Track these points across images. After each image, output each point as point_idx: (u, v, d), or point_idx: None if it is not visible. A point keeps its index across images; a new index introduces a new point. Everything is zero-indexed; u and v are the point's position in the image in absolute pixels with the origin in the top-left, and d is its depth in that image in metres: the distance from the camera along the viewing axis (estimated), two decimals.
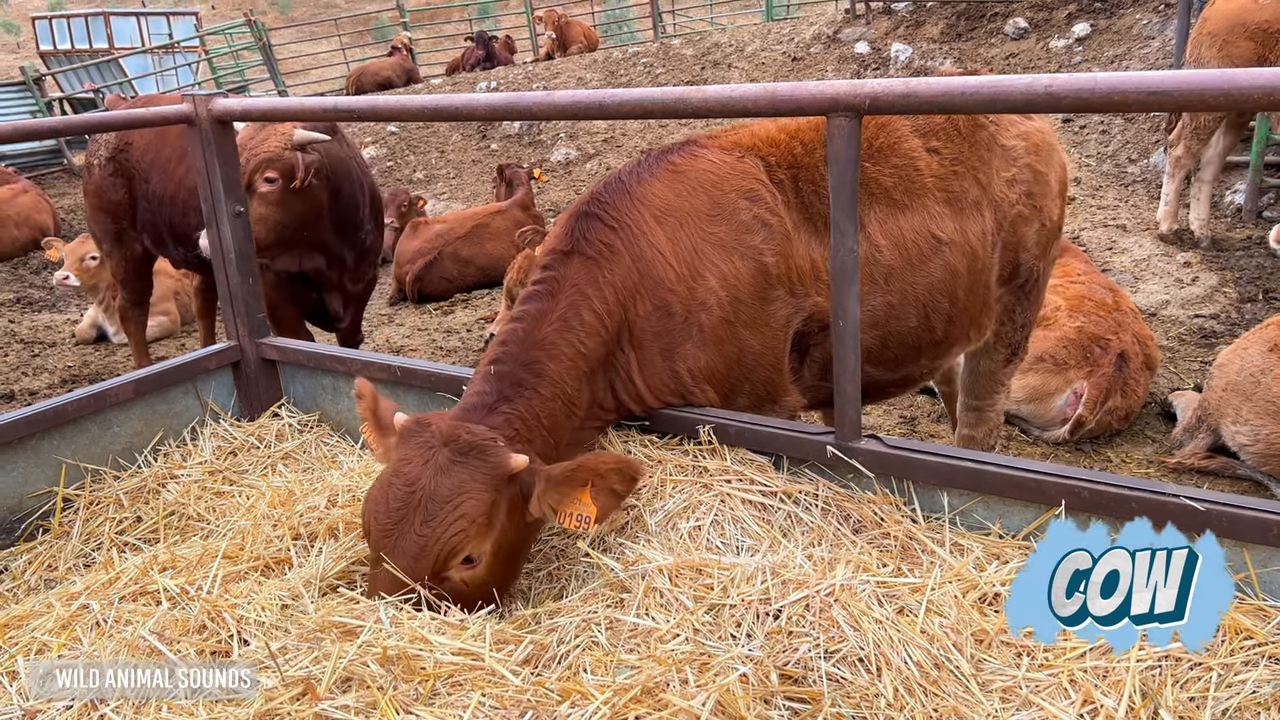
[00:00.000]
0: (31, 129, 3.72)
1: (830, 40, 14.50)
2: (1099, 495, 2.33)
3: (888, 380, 3.38)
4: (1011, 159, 3.40)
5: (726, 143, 3.06)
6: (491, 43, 20.45)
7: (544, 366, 2.65)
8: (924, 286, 3.18)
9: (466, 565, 2.40)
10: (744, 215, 2.90)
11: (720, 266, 2.85)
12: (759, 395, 3.00)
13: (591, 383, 2.76)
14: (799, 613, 2.09)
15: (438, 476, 2.39)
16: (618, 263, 2.79)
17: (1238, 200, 8.79)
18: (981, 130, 3.35)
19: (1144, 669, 2.00)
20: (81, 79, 22.96)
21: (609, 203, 2.88)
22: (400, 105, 3.21)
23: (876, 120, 3.17)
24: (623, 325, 2.79)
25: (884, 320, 3.13)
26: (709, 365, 2.85)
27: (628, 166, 3.01)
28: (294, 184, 4.86)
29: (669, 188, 2.91)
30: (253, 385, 3.80)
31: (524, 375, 2.64)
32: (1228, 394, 4.65)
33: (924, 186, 3.18)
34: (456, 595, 2.40)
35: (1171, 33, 10.47)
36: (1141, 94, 2.05)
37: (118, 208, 6.21)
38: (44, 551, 3.04)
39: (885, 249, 3.08)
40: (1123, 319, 5.30)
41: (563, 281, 2.77)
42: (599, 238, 2.82)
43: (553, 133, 14.87)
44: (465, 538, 2.36)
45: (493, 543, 2.42)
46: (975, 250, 3.29)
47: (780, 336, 2.96)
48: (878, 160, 3.13)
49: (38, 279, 11.12)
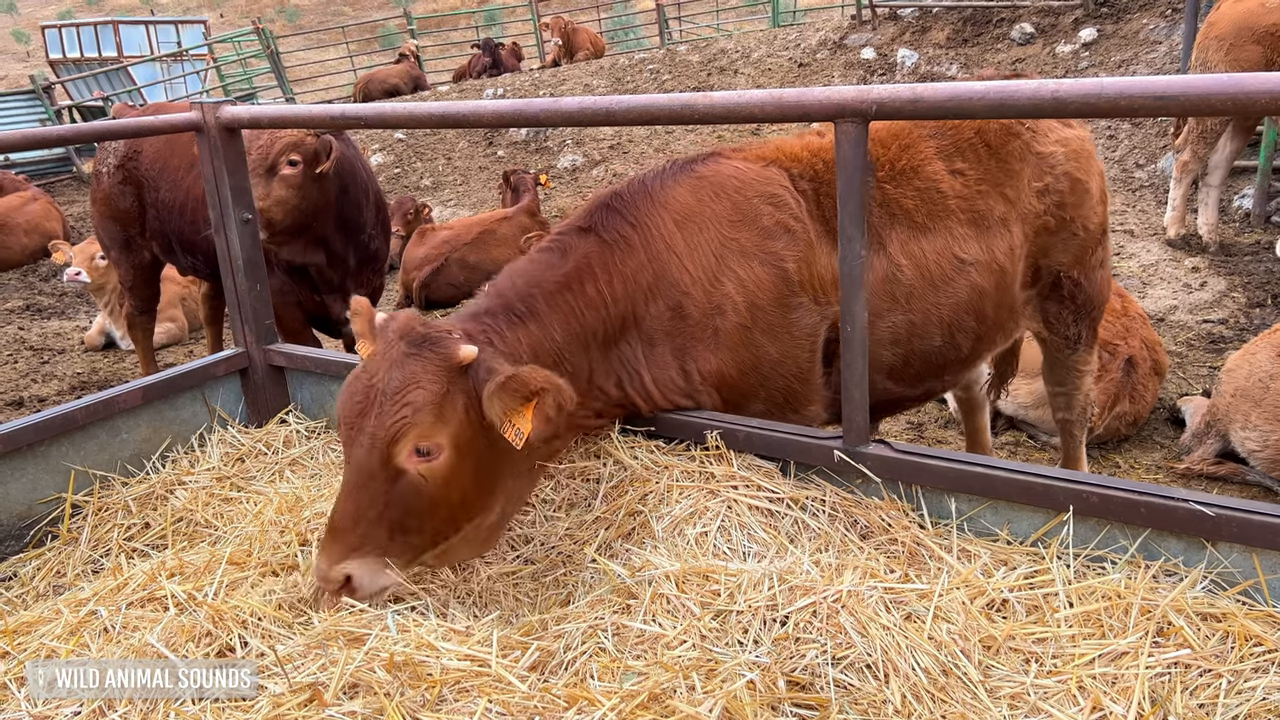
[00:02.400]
0: (41, 137, 3.72)
1: (836, 46, 14.52)
2: (1107, 501, 2.32)
3: (909, 395, 3.39)
4: (1047, 167, 3.37)
5: (750, 154, 3.08)
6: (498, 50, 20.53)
7: (537, 304, 2.69)
8: (949, 307, 3.17)
9: (421, 458, 2.39)
10: (766, 220, 2.91)
11: (739, 272, 2.85)
12: (776, 403, 2.99)
13: (588, 355, 2.75)
14: (806, 619, 2.08)
15: (391, 369, 2.41)
16: (632, 256, 2.82)
17: (1246, 205, 8.77)
18: (1014, 140, 3.32)
19: (1153, 675, 1.99)
20: (90, 87, 23.06)
21: (630, 201, 2.91)
22: (408, 112, 3.22)
23: (900, 143, 3.18)
24: (628, 317, 2.80)
25: (906, 338, 3.13)
26: (721, 370, 2.86)
27: (651, 171, 3.02)
28: (320, 169, 4.96)
29: (691, 193, 2.93)
30: (260, 391, 3.81)
31: (515, 304, 2.68)
32: (1236, 399, 4.63)
33: (947, 209, 3.17)
34: (421, 498, 2.40)
35: (1179, 37, 10.46)
36: (1149, 99, 2.04)
37: (126, 215, 6.24)
38: (52, 558, 3.05)
39: (906, 269, 3.08)
40: (1130, 324, 5.28)
41: (574, 250, 2.81)
42: (617, 228, 2.85)
43: (559, 139, 14.90)
44: (408, 424, 2.35)
45: (450, 437, 2.40)
46: (1003, 267, 3.28)
47: (804, 345, 2.94)
48: (900, 182, 3.13)
49: (47, 286, 11.17)
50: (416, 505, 2.42)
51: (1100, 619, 2.16)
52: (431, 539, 2.50)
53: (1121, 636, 2.09)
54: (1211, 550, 2.25)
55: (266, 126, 4.77)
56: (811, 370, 2.98)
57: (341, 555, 2.39)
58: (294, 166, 4.92)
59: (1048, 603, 2.23)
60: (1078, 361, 3.92)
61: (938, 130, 3.24)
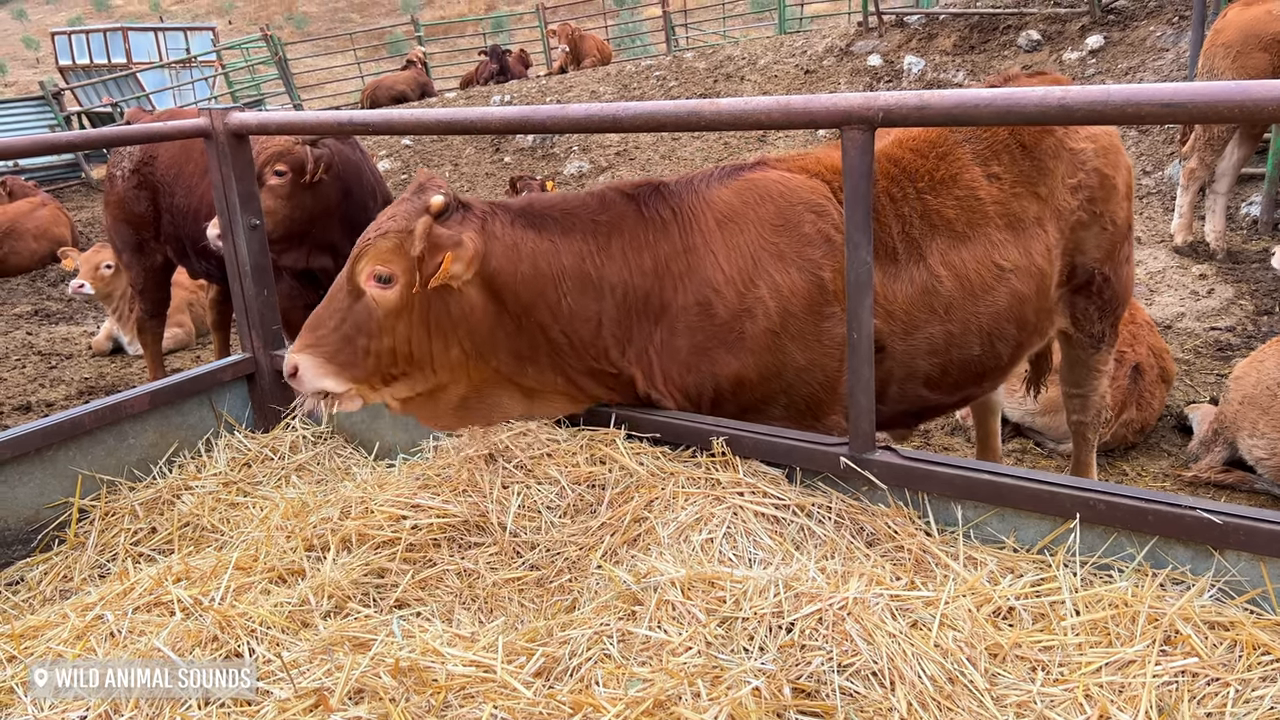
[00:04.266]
0: (50, 143, 3.75)
1: (843, 53, 14.52)
2: (1114, 508, 2.32)
3: (947, 403, 3.41)
4: (1079, 163, 3.37)
5: (795, 165, 3.09)
6: (505, 56, 20.56)
7: (550, 224, 2.86)
8: (988, 316, 3.17)
9: (378, 285, 2.72)
10: (808, 228, 2.92)
11: (775, 277, 2.87)
12: (798, 409, 3.00)
13: (599, 304, 2.86)
14: (812, 626, 2.08)
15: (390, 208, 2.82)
16: (667, 240, 2.89)
17: (1253, 212, 8.74)
18: (1048, 136, 3.32)
19: (1160, 684, 1.98)
20: (100, 93, 23.18)
21: (675, 192, 2.99)
22: (415, 118, 3.23)
23: (937, 151, 3.18)
24: (653, 295, 2.88)
25: (944, 349, 3.13)
26: (740, 373, 2.87)
27: (700, 173, 3.08)
28: (304, 179, 4.93)
29: (736, 195, 2.96)
30: (267, 397, 3.82)
31: (533, 211, 2.88)
32: (1244, 407, 4.62)
33: (986, 215, 3.17)
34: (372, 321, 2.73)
35: (1186, 44, 10.44)
36: (1156, 106, 2.04)
37: (140, 219, 6.23)
38: (59, 562, 3.06)
39: (945, 280, 3.07)
40: (1138, 331, 5.27)
41: (614, 207, 2.94)
42: (659, 209, 2.94)
43: (566, 146, 14.93)
44: (370, 246, 2.71)
45: (404, 271, 2.69)
46: (1041, 269, 3.28)
47: (834, 354, 2.94)
48: (939, 192, 3.12)
49: (55, 291, 11.21)
50: (367, 326, 2.74)
51: (1107, 627, 2.15)
52: (376, 367, 2.80)
53: (1128, 645, 2.08)
54: (1219, 558, 2.24)
55: (274, 133, 4.80)
56: (839, 379, 2.98)
57: (300, 347, 2.79)
58: (280, 176, 4.91)
59: (1054, 610, 2.22)
60: (1098, 361, 3.91)
61: (972, 134, 3.24)
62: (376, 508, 2.76)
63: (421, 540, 2.67)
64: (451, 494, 2.76)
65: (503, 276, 2.78)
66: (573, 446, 2.86)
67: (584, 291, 2.83)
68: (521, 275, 2.79)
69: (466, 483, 2.78)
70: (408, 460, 3.22)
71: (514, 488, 2.76)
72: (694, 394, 2.93)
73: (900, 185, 3.09)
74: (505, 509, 2.71)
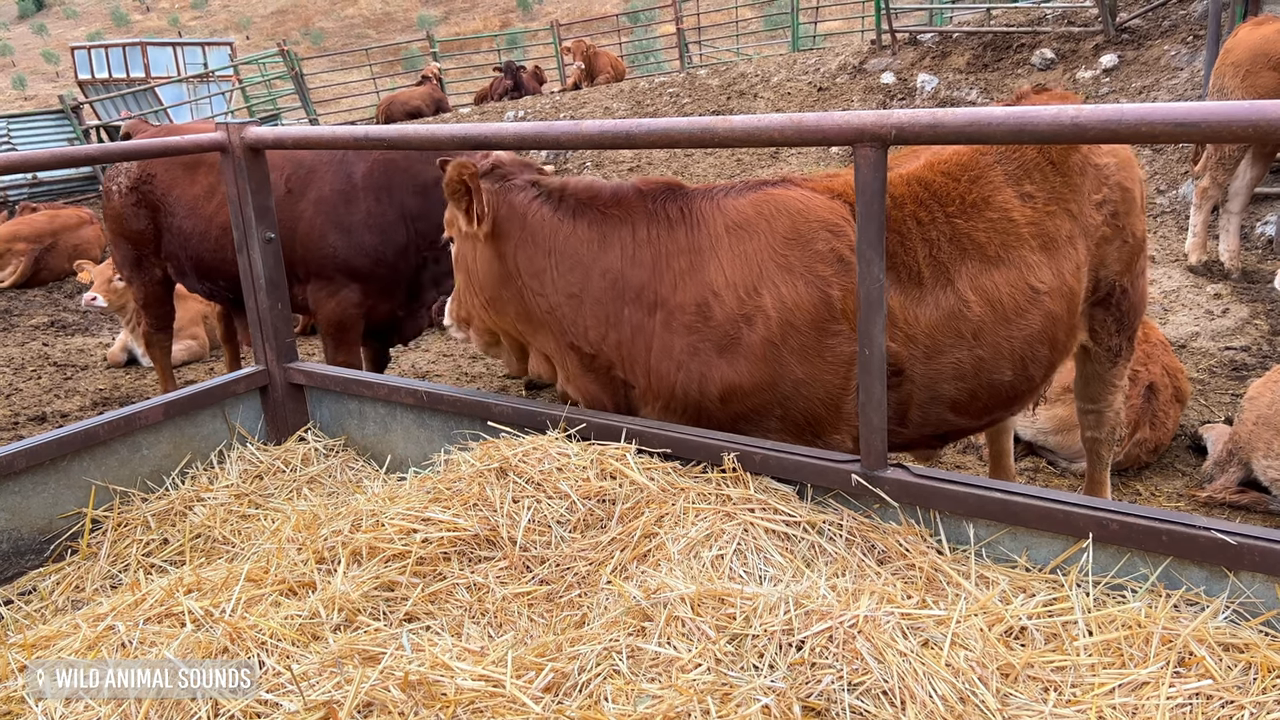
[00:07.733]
0: (69, 156, 3.77)
1: (856, 70, 14.55)
2: (1128, 528, 2.30)
3: (974, 427, 3.39)
4: (1103, 178, 3.36)
5: (819, 185, 3.10)
6: (520, 72, 20.65)
7: (567, 205, 3.10)
8: (1021, 339, 3.13)
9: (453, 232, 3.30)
10: (820, 245, 2.91)
11: (780, 288, 2.87)
12: (796, 423, 2.99)
13: (578, 281, 3.06)
14: (822, 644, 2.07)
15: None
16: (672, 237, 2.99)
17: (1269, 232, 8.71)
18: (1074, 152, 3.30)
19: (1174, 706, 1.96)
20: (118, 107, 23.38)
21: (689, 196, 3.07)
22: (430, 134, 3.25)
23: (969, 174, 3.16)
24: (645, 290, 2.99)
25: (972, 374, 3.09)
26: (732, 379, 2.86)
27: (724, 183, 3.15)
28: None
29: (752, 205, 2.99)
30: (280, 409, 3.83)
31: (559, 194, 3.15)
32: (1259, 427, 4.59)
33: (1020, 237, 3.13)
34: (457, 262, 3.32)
35: (1200, 64, 10.43)
36: (1169, 125, 2.04)
37: (139, 236, 6.19)
38: (72, 572, 3.07)
39: (974, 304, 3.04)
40: (1152, 350, 5.24)
41: (625, 199, 3.09)
42: (667, 208, 3.05)
43: (579, 161, 14.97)
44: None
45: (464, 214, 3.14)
46: (1072, 289, 3.26)
47: (836, 371, 2.92)
48: (971, 216, 3.09)
49: (71, 303, 11.30)
50: (458, 266, 3.34)
51: (1120, 648, 2.13)
52: (462, 301, 3.38)
53: (1142, 666, 2.07)
54: (1234, 579, 2.23)
55: (290, 147, 4.84)
56: (842, 398, 2.96)
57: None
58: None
59: (1067, 631, 2.20)
60: (1114, 376, 3.88)
61: (1003, 154, 3.22)
62: (387, 521, 2.76)
63: (432, 554, 2.67)
64: (462, 507, 2.76)
65: (505, 239, 3.13)
66: (583, 461, 2.86)
67: (572, 269, 3.06)
68: (520, 241, 3.11)
69: (477, 496, 2.78)
70: (419, 474, 3.22)
71: (524, 502, 2.76)
72: (681, 393, 2.94)
73: (929, 209, 3.06)
74: (516, 523, 2.71)
